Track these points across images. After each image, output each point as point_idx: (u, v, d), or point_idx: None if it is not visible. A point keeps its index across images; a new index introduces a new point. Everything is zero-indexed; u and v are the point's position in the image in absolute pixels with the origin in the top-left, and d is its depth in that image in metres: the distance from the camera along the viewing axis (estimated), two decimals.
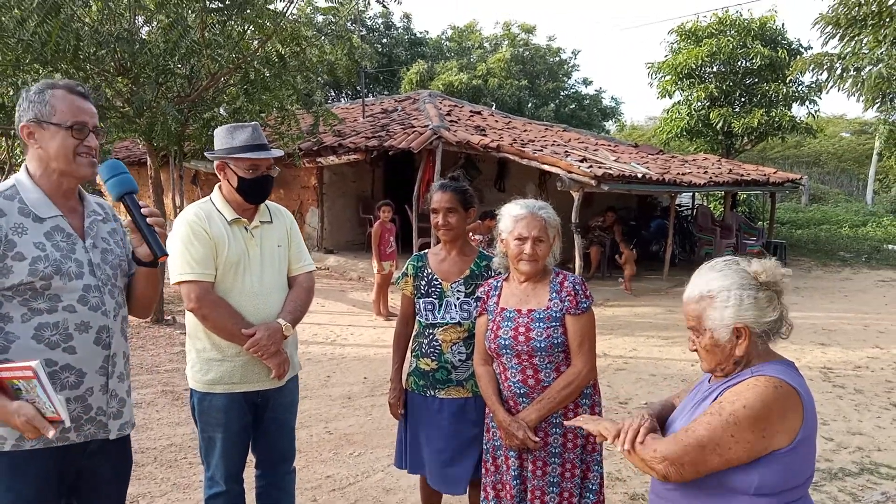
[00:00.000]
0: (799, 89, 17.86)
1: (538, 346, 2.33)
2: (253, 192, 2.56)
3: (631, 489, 3.77)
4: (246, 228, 2.58)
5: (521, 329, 2.36)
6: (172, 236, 2.50)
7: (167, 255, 1.87)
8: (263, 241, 2.61)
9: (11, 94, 6.04)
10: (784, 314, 1.65)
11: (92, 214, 1.99)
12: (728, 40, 17.29)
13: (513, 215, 2.42)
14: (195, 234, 2.47)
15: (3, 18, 5.38)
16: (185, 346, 6.52)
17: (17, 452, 1.80)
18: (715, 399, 1.62)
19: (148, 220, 1.87)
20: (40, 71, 5.75)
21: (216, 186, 2.66)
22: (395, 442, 3.93)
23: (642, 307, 9.45)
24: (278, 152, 2.68)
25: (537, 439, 2.32)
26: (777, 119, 17.12)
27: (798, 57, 16.35)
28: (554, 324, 2.35)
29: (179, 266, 2.46)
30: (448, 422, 2.73)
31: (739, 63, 17.91)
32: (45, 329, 1.81)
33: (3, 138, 10.38)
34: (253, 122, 2.66)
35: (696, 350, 1.70)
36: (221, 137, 2.59)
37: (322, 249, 12.34)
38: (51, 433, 1.69)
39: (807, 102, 17.92)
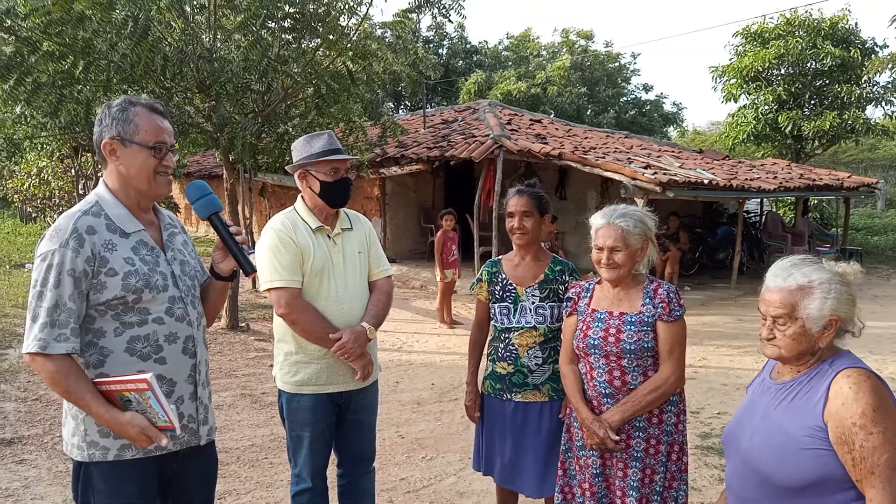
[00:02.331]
0: (874, 90, 17.12)
1: (627, 347, 2.37)
2: (335, 195, 2.68)
3: (707, 498, 3.71)
4: (329, 236, 2.69)
5: (612, 330, 2.40)
6: (260, 245, 2.64)
7: (256, 271, 1.91)
8: (345, 247, 2.72)
9: None
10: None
11: (168, 227, 2.05)
12: (797, 41, 16.73)
13: (594, 225, 2.51)
14: (282, 242, 2.59)
15: (96, 43, 5.77)
16: (259, 351, 6.74)
17: (120, 462, 1.88)
18: (799, 397, 1.66)
19: (238, 238, 1.92)
20: (128, 91, 6.13)
21: (299, 197, 2.79)
22: (465, 447, 3.99)
23: (711, 316, 9.24)
24: (346, 155, 2.76)
25: (617, 438, 2.35)
26: (850, 121, 16.45)
27: (873, 56, 15.72)
28: (645, 328, 2.38)
29: (269, 273, 2.58)
30: (524, 425, 2.78)
31: (809, 64, 17.29)
32: (136, 342, 1.87)
33: (91, 154, 11.04)
34: (328, 130, 2.79)
35: (771, 338, 1.71)
36: (300, 147, 2.71)
37: None
38: (164, 441, 1.78)
39: (882, 103, 17.16)
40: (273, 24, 6.41)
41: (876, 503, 1.49)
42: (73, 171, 12.27)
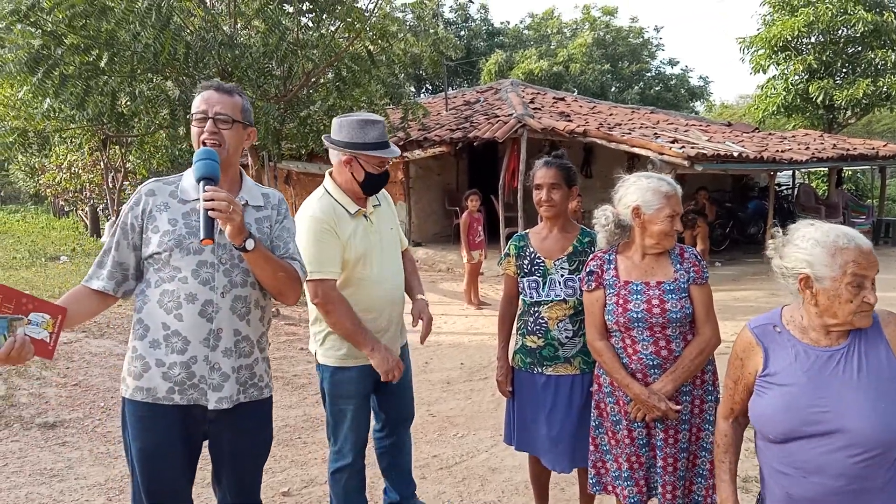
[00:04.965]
0: None
1: (674, 317, 2.34)
2: (375, 187, 2.72)
3: (742, 471, 3.66)
4: (365, 217, 2.72)
5: (655, 301, 2.36)
6: (300, 232, 2.60)
7: (211, 239, 1.85)
8: (380, 226, 2.77)
9: (127, 102, 6.53)
10: None
11: (239, 201, 2.05)
12: (827, 8, 16.22)
13: (663, 192, 2.36)
14: (324, 232, 2.59)
15: (120, 34, 5.83)
16: (289, 335, 6.77)
17: (139, 402, 2.03)
18: (868, 353, 1.65)
19: (206, 203, 1.85)
20: (153, 79, 6.18)
21: (328, 177, 2.77)
22: (496, 424, 4.00)
23: (742, 291, 9.09)
24: (397, 151, 2.76)
25: (679, 408, 2.33)
26: (886, 88, 15.93)
27: None
28: (684, 294, 2.37)
29: (307, 264, 2.54)
30: (556, 399, 2.75)
31: (840, 31, 16.76)
32: (165, 296, 2.02)
33: (119, 147, 11.19)
34: (381, 119, 2.72)
35: (873, 304, 1.66)
36: (351, 130, 2.63)
37: (411, 242, 12.56)
38: None
39: None
40: (290, 7, 6.40)
41: None
42: (101, 163, 12.47)
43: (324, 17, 6.99)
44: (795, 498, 1.75)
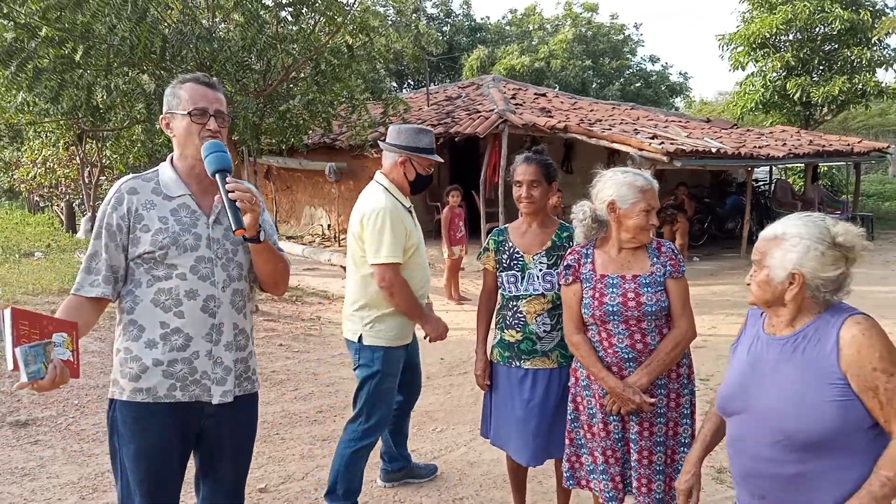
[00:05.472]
0: (884, 53, 16.84)
1: (649, 310, 2.36)
2: (422, 186, 3.14)
3: (717, 462, 3.72)
4: (411, 212, 3.11)
5: (630, 294, 2.37)
6: (377, 222, 2.91)
7: (243, 229, 1.89)
8: (416, 219, 3.18)
9: (103, 96, 6.43)
10: (846, 281, 1.69)
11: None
12: (805, 5, 16.43)
13: (638, 186, 2.38)
14: (398, 222, 2.93)
15: (96, 26, 5.73)
16: (268, 331, 6.71)
17: (136, 404, 1.99)
18: (809, 349, 1.65)
19: (231, 195, 1.88)
20: (129, 73, 6.09)
21: (381, 176, 3.09)
22: (475, 418, 4.01)
23: (720, 285, 9.20)
24: (440, 158, 3.18)
25: (653, 401, 2.36)
26: (861, 85, 16.19)
27: (884, 17, 15.44)
28: (660, 288, 2.39)
29: (381, 249, 2.90)
30: (533, 392, 2.77)
31: (817, 29, 17.02)
32: (161, 294, 1.99)
33: (95, 141, 11.03)
34: (431, 129, 3.20)
35: (748, 284, 1.76)
36: (408, 136, 3.05)
37: None
38: (18, 382, 1.67)
39: (894, 66, 16.87)
40: (269, 0, 6.34)
41: None
42: (77, 158, 12.27)
43: (303, 10, 6.92)
44: (735, 476, 1.83)
